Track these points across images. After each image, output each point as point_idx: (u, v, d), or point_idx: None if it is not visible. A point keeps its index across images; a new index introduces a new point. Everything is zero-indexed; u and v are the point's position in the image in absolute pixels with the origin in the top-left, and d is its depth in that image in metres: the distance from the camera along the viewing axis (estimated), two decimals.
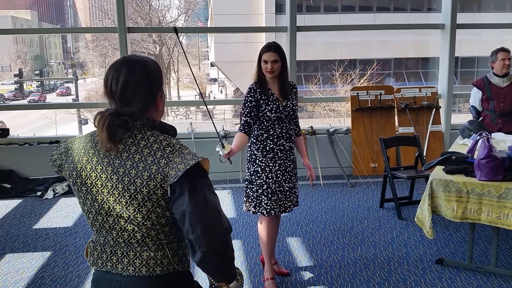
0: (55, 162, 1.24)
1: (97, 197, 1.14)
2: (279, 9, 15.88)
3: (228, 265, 1.13)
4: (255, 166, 2.56)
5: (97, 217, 1.16)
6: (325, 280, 2.77)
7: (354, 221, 3.74)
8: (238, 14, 15.69)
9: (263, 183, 2.55)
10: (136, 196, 1.09)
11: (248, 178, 2.62)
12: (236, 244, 3.29)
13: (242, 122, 2.49)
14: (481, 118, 3.87)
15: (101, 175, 1.12)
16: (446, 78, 5.25)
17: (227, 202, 4.24)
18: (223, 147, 2.36)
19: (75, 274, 2.90)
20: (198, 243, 1.06)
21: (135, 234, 1.13)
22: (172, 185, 1.07)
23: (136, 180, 1.09)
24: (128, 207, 1.11)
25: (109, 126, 1.09)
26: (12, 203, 4.36)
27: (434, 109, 5.17)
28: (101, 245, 1.19)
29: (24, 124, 17.98)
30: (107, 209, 1.14)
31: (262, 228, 2.66)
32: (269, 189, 2.54)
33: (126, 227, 1.13)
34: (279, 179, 2.56)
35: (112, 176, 1.11)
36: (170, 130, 1.17)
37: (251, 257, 3.08)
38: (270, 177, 2.54)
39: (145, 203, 1.10)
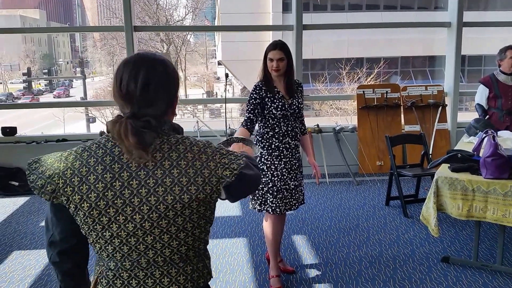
0: (43, 188, 1.01)
1: (134, 217, 0.99)
2: (286, 7, 15.87)
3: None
4: (261, 164, 2.59)
5: (129, 240, 1.02)
6: (330, 278, 2.78)
7: (360, 219, 3.75)
8: (245, 12, 15.70)
9: (269, 181, 2.57)
10: (191, 204, 1.01)
11: None
12: (242, 242, 3.32)
13: (245, 118, 2.52)
14: (487, 116, 3.85)
15: (140, 191, 0.99)
16: (452, 76, 5.23)
17: None
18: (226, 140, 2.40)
19: None
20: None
21: (180, 249, 1.05)
22: (227, 185, 1.05)
23: (190, 187, 1.00)
24: (177, 219, 1.01)
25: (134, 131, 0.97)
26: (20, 201, 4.43)
27: (440, 107, 5.15)
28: (127, 270, 1.04)
29: (32, 123, 18.20)
30: (147, 228, 1.01)
31: (267, 226, 2.68)
32: (274, 187, 2.56)
33: (171, 243, 1.03)
34: (285, 177, 2.58)
35: (157, 189, 0.99)
36: (182, 132, 1.12)
37: (256, 254, 3.11)
38: (275, 175, 2.56)
39: (199, 209, 1.03)
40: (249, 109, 2.52)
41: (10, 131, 5.14)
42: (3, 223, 3.86)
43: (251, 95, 2.54)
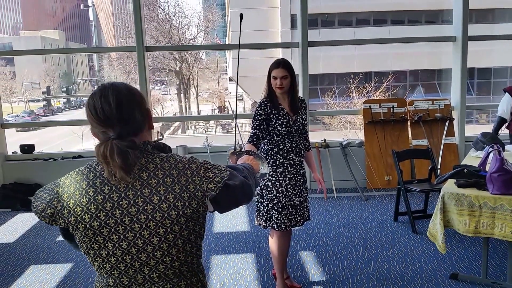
0: (43, 212, 1.07)
1: (126, 235, 1.05)
2: (294, 24, 16.10)
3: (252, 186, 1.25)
4: (265, 181, 2.63)
5: (124, 257, 1.07)
6: None
7: (368, 235, 3.73)
8: (255, 30, 15.98)
9: (274, 197, 2.60)
10: (179, 220, 1.05)
11: (258, 192, 2.68)
12: (249, 258, 3.34)
13: (251, 134, 2.57)
14: (503, 127, 3.84)
15: (129, 210, 1.04)
16: (459, 90, 5.21)
17: (240, 215, 4.30)
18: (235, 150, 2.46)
19: None
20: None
21: (173, 264, 1.09)
22: (214, 198, 1.09)
23: (176, 204, 1.05)
24: (167, 236, 1.06)
25: (119, 151, 1.02)
26: None
27: (447, 122, 5.13)
28: (125, 286, 1.10)
29: (52, 139, 18.87)
30: (140, 246, 1.06)
31: (273, 242, 2.70)
32: (279, 203, 2.59)
33: (164, 259, 1.08)
34: (289, 193, 2.61)
35: (146, 208, 1.04)
36: (169, 150, 1.16)
37: (263, 271, 3.11)
38: (280, 191, 2.59)
39: (188, 224, 1.07)
40: (255, 125, 2.57)
41: (28, 148, 5.35)
42: (22, 238, 3.97)
43: (257, 112, 2.60)
